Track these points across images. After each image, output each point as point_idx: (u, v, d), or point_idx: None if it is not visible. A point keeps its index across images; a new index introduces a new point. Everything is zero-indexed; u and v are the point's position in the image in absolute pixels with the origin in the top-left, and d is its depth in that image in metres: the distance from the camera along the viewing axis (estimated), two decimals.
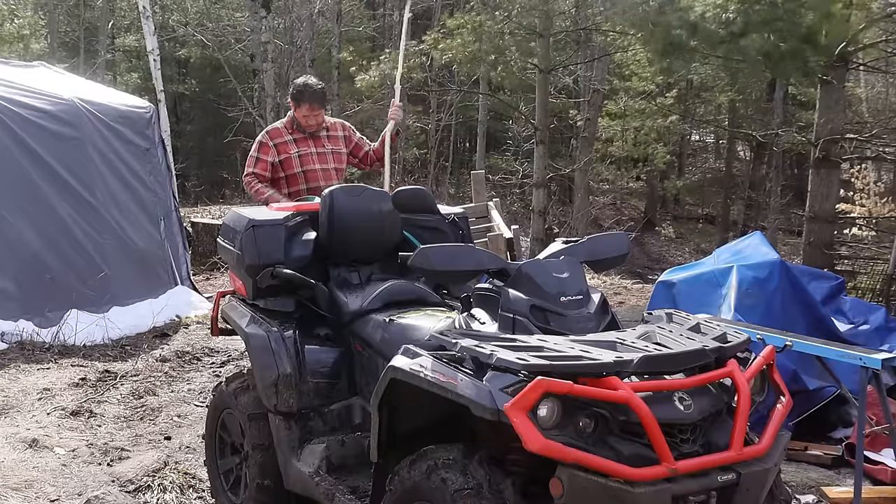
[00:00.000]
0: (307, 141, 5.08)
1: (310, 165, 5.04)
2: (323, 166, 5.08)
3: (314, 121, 5.06)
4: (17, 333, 6.33)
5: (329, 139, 5.18)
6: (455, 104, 21.98)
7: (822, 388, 5.02)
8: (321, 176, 5.03)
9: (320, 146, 5.11)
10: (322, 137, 5.14)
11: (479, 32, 15.21)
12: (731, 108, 21.79)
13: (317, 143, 5.11)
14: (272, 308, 3.63)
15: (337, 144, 5.20)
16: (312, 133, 5.10)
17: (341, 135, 5.26)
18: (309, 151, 5.06)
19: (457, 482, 2.44)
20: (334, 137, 5.22)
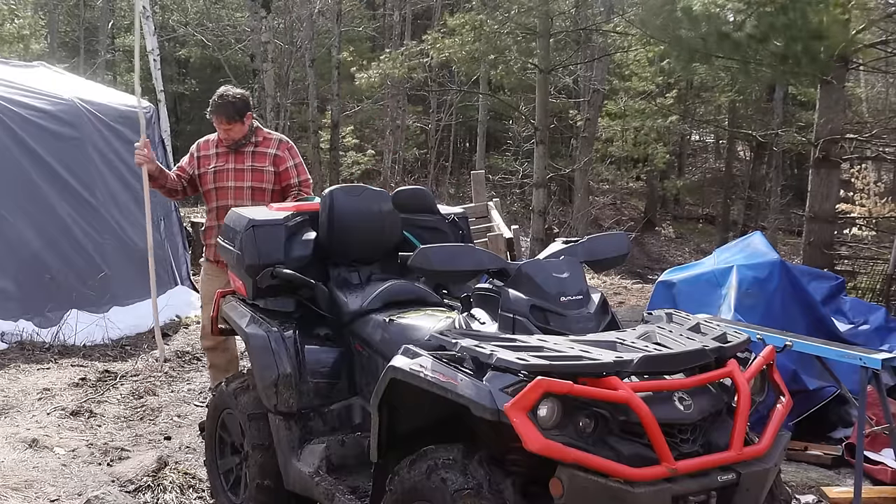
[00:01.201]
0: (228, 156, 4.69)
1: (222, 182, 4.67)
2: (237, 184, 4.65)
3: (227, 135, 4.64)
4: (17, 333, 6.33)
5: (254, 155, 4.70)
6: (455, 104, 22.00)
7: (822, 388, 5.03)
8: (231, 194, 4.63)
9: (240, 162, 4.68)
10: (245, 153, 4.69)
11: (478, 32, 15.22)
12: (731, 108, 21.81)
13: (238, 158, 4.68)
14: (272, 308, 3.63)
15: (261, 161, 4.69)
16: (236, 147, 4.67)
17: (271, 152, 4.72)
18: (225, 167, 4.67)
19: (457, 482, 2.44)
20: (261, 154, 4.71)
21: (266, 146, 4.73)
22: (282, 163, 4.72)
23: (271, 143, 4.76)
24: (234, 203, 4.46)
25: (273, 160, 4.71)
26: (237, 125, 4.60)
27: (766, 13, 8.17)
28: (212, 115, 4.60)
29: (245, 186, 4.64)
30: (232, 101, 4.57)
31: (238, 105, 4.58)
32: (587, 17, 17.44)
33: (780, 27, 7.95)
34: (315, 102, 20.08)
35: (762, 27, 8.19)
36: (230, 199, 4.59)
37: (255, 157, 4.70)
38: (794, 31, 7.79)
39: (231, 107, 4.57)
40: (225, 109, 4.57)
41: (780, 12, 7.96)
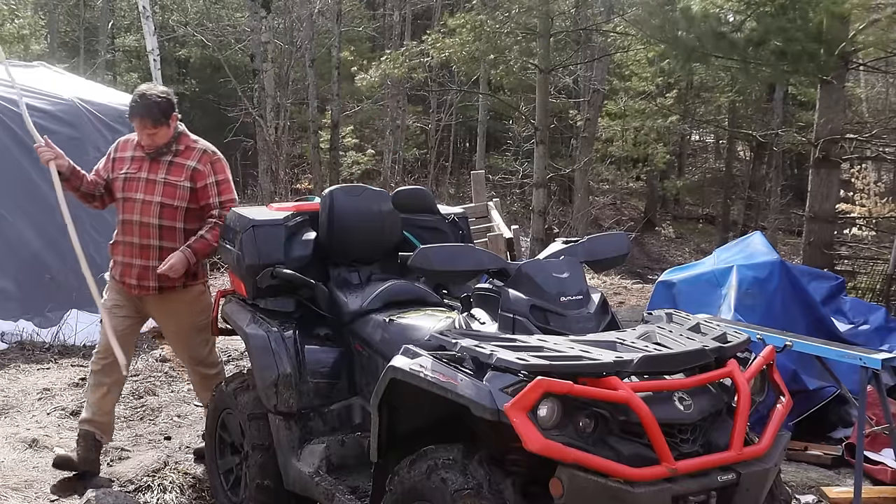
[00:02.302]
0: (143, 163, 4.06)
1: (131, 192, 4.04)
2: (145, 197, 4.01)
3: (151, 141, 4.01)
4: (17, 333, 6.33)
5: (171, 166, 4.04)
6: (455, 104, 21.99)
7: (822, 388, 5.03)
8: (138, 209, 4.02)
9: (154, 172, 4.03)
10: (162, 163, 4.05)
11: (479, 32, 15.22)
12: (731, 108, 21.81)
13: (153, 167, 4.04)
14: (272, 308, 3.63)
15: (177, 175, 4.02)
16: (155, 154, 4.05)
17: (191, 165, 4.04)
18: (137, 176, 4.04)
19: (457, 482, 2.44)
20: (178, 166, 4.04)
21: (186, 157, 4.07)
22: (200, 178, 4.04)
23: (193, 153, 4.08)
24: (139, 219, 4.00)
25: (191, 175, 4.03)
26: (163, 129, 3.99)
27: (765, 13, 8.18)
28: (132, 117, 4.00)
29: (154, 202, 4.01)
30: (157, 101, 3.94)
31: (163, 105, 3.97)
32: (587, 17, 17.44)
33: (779, 27, 7.97)
34: (315, 102, 20.07)
35: (761, 28, 8.20)
36: (135, 214, 4.02)
37: (172, 168, 4.05)
38: (794, 32, 7.80)
39: (156, 108, 3.95)
40: (149, 111, 3.94)
41: (780, 12, 7.96)
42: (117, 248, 4.14)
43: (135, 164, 4.07)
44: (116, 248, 4.14)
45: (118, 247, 4.13)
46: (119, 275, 4.14)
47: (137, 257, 4.05)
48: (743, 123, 21.79)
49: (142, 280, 4.08)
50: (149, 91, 4.01)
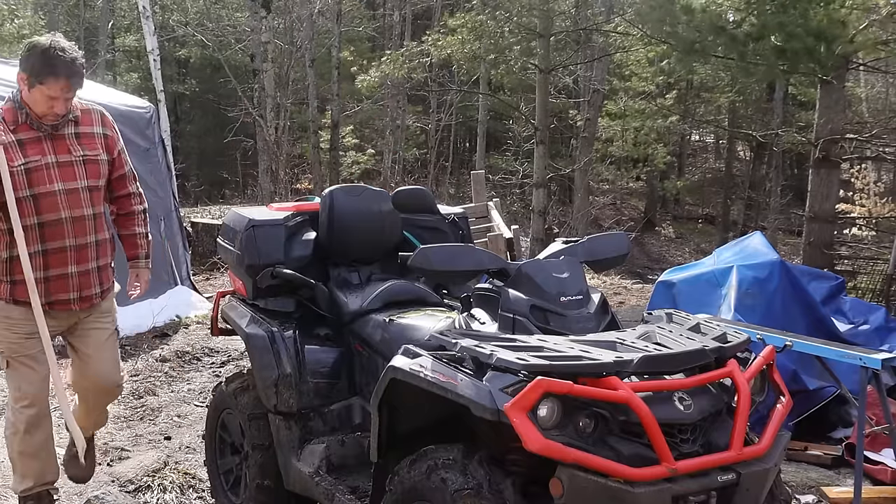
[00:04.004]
0: (42, 144, 3.20)
1: (44, 186, 3.16)
2: (68, 185, 3.21)
3: (61, 107, 3.17)
4: None
5: (80, 139, 3.29)
6: (455, 104, 22.00)
7: (822, 388, 5.03)
8: (65, 203, 3.21)
9: (64, 152, 3.23)
10: (68, 137, 3.26)
11: (479, 32, 15.23)
12: (731, 109, 21.83)
13: (59, 146, 3.23)
14: (272, 308, 3.63)
15: (93, 147, 3.31)
16: (53, 130, 3.22)
17: (100, 132, 3.35)
18: (44, 162, 3.18)
19: (457, 482, 2.44)
20: (87, 136, 3.31)
21: (89, 123, 3.34)
22: (113, 146, 3.39)
23: (93, 116, 3.37)
24: (69, 215, 3.22)
25: (104, 143, 3.36)
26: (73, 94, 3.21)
27: (765, 11, 8.19)
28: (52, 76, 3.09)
29: (81, 188, 3.25)
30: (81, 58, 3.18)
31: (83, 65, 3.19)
32: (587, 17, 17.45)
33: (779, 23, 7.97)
34: (315, 102, 20.08)
35: (760, 23, 8.21)
36: (63, 210, 3.20)
37: (83, 140, 3.29)
38: (794, 28, 7.81)
39: (82, 67, 3.17)
40: (78, 70, 3.14)
41: (781, 10, 7.97)
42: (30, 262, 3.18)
43: (31, 148, 3.16)
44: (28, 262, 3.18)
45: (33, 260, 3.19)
46: (45, 294, 3.24)
47: (75, 263, 3.26)
48: (743, 123, 21.80)
49: (84, 289, 3.32)
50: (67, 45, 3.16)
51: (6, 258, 3.24)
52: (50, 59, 3.08)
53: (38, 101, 3.14)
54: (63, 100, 3.15)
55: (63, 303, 3.31)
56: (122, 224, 3.60)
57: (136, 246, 3.58)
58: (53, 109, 3.16)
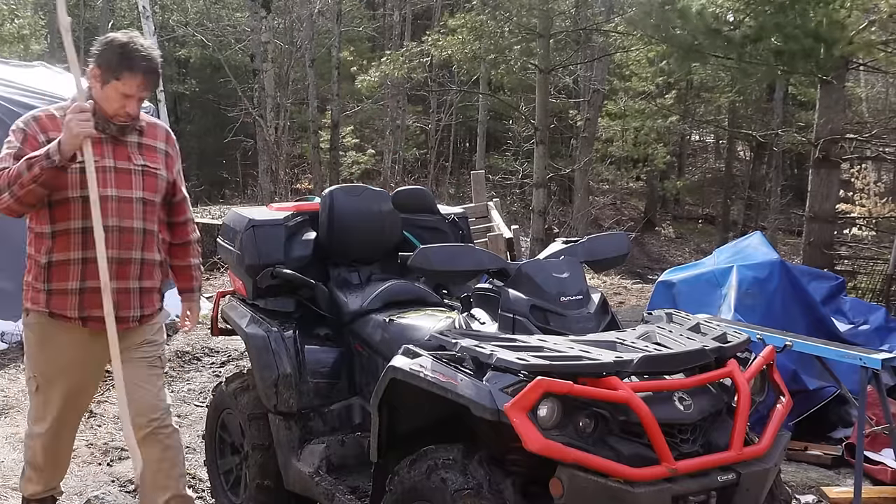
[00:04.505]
0: (102, 146, 2.99)
1: (100, 189, 2.91)
2: (121, 193, 3.02)
3: (135, 108, 3.01)
4: (17, 333, 6.31)
5: (142, 149, 3.10)
6: (455, 104, 22.01)
7: (822, 388, 5.03)
8: (114, 211, 2.99)
9: (123, 158, 3.04)
10: (130, 144, 3.07)
11: (479, 32, 15.24)
12: (731, 109, 21.83)
13: (118, 151, 3.04)
14: (272, 308, 3.63)
15: (154, 160, 3.13)
16: (119, 134, 3.05)
17: (161, 148, 3.18)
18: (100, 164, 2.95)
19: (457, 482, 2.44)
20: (150, 149, 3.13)
21: (153, 136, 3.17)
22: (172, 166, 3.21)
23: (157, 131, 3.20)
24: (117, 224, 2.99)
25: (165, 161, 3.18)
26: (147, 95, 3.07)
27: (764, 12, 8.20)
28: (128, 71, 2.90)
29: (135, 198, 3.05)
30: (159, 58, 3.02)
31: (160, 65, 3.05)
32: (587, 17, 17.45)
33: (777, 25, 7.98)
34: (315, 102, 20.08)
35: (757, 25, 8.22)
36: (111, 217, 2.96)
37: (144, 152, 3.11)
38: (792, 30, 7.82)
39: (159, 66, 3.02)
40: (156, 70, 2.99)
41: (779, 11, 7.97)
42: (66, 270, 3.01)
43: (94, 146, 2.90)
44: (64, 270, 3.01)
45: (68, 268, 3.00)
46: (79, 307, 3.02)
47: (115, 278, 2.96)
48: (743, 123, 21.81)
49: (121, 309, 3.01)
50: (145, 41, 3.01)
51: (45, 263, 3.04)
52: (129, 53, 2.91)
53: (111, 98, 2.95)
54: (137, 99, 2.99)
55: (96, 320, 2.98)
56: (177, 254, 3.36)
57: (190, 278, 3.38)
58: (125, 109, 2.98)
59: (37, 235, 3.08)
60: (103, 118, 2.97)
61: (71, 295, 3.02)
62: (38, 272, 3.08)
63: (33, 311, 3.13)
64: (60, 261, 3.02)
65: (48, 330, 3.10)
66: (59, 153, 2.77)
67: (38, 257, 3.08)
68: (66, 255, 3.01)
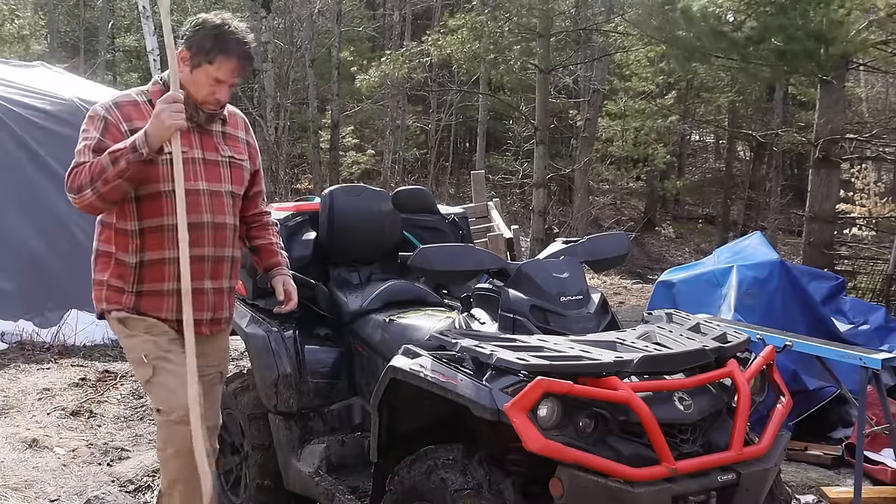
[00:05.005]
0: (190, 136, 2.77)
1: (189, 182, 2.70)
2: (212, 186, 2.82)
3: (226, 94, 2.80)
4: (17, 333, 6.32)
5: (227, 139, 2.91)
6: (455, 104, 22.01)
7: (822, 388, 5.03)
8: (208, 206, 2.79)
9: (211, 149, 2.84)
10: (215, 134, 2.88)
11: (479, 32, 15.24)
12: (731, 109, 21.83)
13: (206, 142, 2.84)
14: (272, 308, 3.62)
15: (238, 151, 2.93)
16: (206, 122, 2.84)
17: (244, 138, 2.99)
18: (190, 156, 2.75)
19: (457, 482, 2.44)
20: (233, 139, 2.93)
21: (235, 126, 2.97)
22: (255, 157, 3.02)
23: (238, 121, 3.00)
24: (211, 220, 2.79)
25: (248, 151, 2.98)
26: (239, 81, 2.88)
27: (765, 13, 8.21)
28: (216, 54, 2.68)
29: (224, 192, 2.85)
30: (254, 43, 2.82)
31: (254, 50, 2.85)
32: (587, 17, 17.46)
33: (779, 26, 7.99)
34: (315, 102, 20.08)
35: (761, 26, 8.23)
36: (206, 213, 2.78)
37: (229, 142, 2.92)
38: (794, 31, 7.83)
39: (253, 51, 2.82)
40: (247, 52, 2.75)
41: (780, 11, 7.98)
42: (160, 270, 2.76)
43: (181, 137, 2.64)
44: (158, 270, 2.76)
45: (163, 267, 2.75)
46: (175, 309, 2.76)
47: (210, 277, 2.81)
48: (743, 123, 21.81)
49: (217, 310, 2.88)
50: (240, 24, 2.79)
51: (134, 264, 2.75)
52: (223, 35, 2.69)
53: (202, 83, 2.72)
54: (228, 85, 2.77)
55: (197, 324, 2.73)
56: (258, 235, 3.10)
57: (275, 254, 3.08)
58: (216, 95, 2.75)
59: (118, 232, 2.77)
60: (193, 105, 2.74)
61: (167, 296, 2.77)
62: (124, 272, 2.77)
63: (115, 312, 2.82)
64: (154, 260, 2.74)
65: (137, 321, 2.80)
66: (147, 145, 2.52)
67: (122, 256, 2.77)
68: (160, 254, 2.74)
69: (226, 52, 2.68)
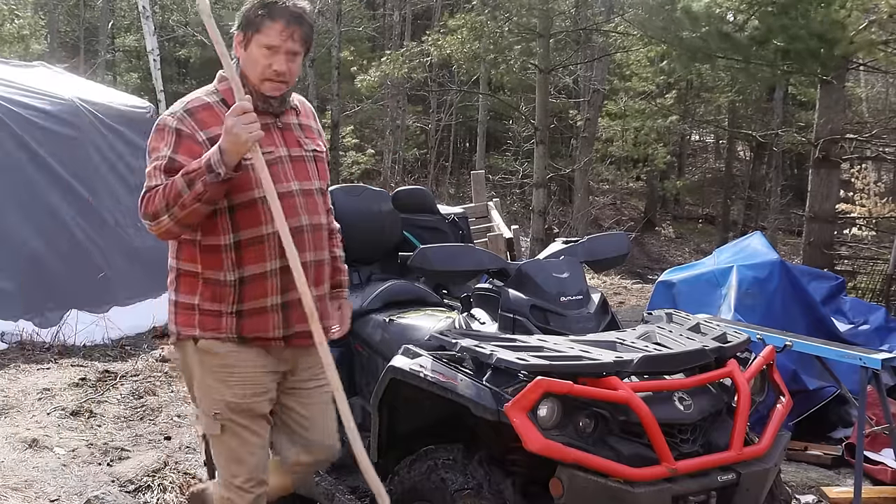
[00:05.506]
0: (272, 133, 2.53)
1: (281, 184, 2.48)
2: (304, 185, 2.57)
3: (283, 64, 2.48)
4: (17, 333, 6.32)
5: (304, 131, 2.65)
6: (455, 104, 22.01)
7: (822, 388, 5.03)
8: (304, 207, 2.55)
9: (294, 145, 2.59)
10: (293, 127, 2.62)
11: (479, 32, 15.24)
12: (731, 108, 21.83)
13: (288, 137, 2.59)
14: None
15: (317, 143, 2.68)
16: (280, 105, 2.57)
17: (316, 127, 2.74)
18: (277, 155, 2.52)
19: (457, 482, 2.44)
20: (309, 130, 2.68)
21: (306, 115, 2.71)
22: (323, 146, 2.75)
23: (307, 109, 2.74)
24: (308, 222, 2.55)
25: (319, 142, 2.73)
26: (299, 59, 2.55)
27: (767, 13, 8.22)
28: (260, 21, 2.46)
29: (315, 189, 2.61)
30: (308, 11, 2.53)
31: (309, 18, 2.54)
32: (587, 17, 17.46)
33: (781, 26, 8.00)
34: (315, 102, 20.08)
35: (764, 27, 8.24)
36: (303, 215, 2.54)
37: (308, 134, 2.66)
38: (796, 31, 7.83)
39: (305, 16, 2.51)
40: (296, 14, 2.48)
41: (782, 11, 7.99)
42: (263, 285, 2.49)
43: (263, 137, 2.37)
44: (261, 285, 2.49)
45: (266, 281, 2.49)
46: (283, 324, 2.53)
47: (313, 284, 2.51)
48: (743, 123, 21.81)
49: (323, 319, 2.54)
50: None
51: (233, 281, 2.47)
52: (269, 4, 2.46)
53: (256, 59, 2.47)
54: (285, 53, 2.46)
55: (302, 336, 2.51)
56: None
57: (340, 270, 2.80)
58: (272, 67, 2.45)
59: (206, 249, 2.48)
60: (257, 94, 2.47)
61: (271, 313, 2.50)
62: (221, 291, 2.48)
63: (209, 339, 2.51)
64: (255, 275, 2.47)
65: (232, 356, 2.52)
66: (224, 164, 2.27)
67: (214, 274, 2.48)
68: (260, 267, 2.47)
69: (272, 15, 2.44)
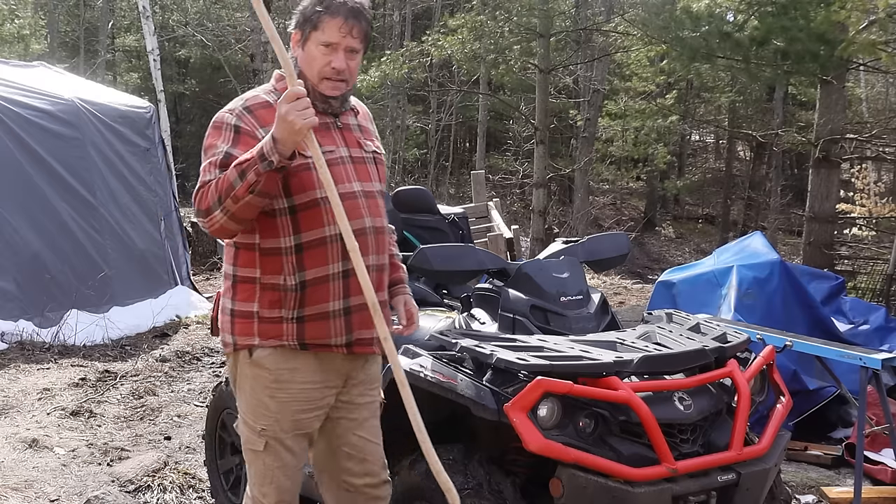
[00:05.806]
0: (332, 132, 2.45)
1: (343, 185, 2.38)
2: (365, 187, 2.46)
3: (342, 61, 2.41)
4: (17, 333, 6.33)
5: (363, 133, 2.55)
6: (455, 104, 22.01)
7: (822, 388, 5.03)
8: (366, 209, 2.43)
9: (355, 145, 2.49)
10: (353, 128, 2.52)
11: (479, 32, 15.24)
12: (731, 108, 21.83)
13: (348, 137, 2.49)
14: None
15: (377, 145, 2.60)
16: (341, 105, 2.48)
17: (372, 129, 2.63)
18: (338, 155, 2.42)
19: (457, 482, 2.43)
20: (367, 132, 2.58)
21: (364, 116, 2.63)
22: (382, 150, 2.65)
23: (363, 109, 2.66)
24: (372, 224, 2.42)
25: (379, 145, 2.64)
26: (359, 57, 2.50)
27: (767, 13, 8.22)
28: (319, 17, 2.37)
29: (376, 191, 2.50)
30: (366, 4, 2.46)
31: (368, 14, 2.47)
32: (587, 17, 17.46)
33: (781, 27, 8.00)
34: None
35: (764, 27, 8.24)
36: (366, 217, 2.42)
37: (367, 136, 2.57)
38: (796, 31, 7.83)
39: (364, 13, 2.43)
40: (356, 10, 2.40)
41: (782, 12, 7.99)
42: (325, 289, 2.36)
43: (320, 136, 2.30)
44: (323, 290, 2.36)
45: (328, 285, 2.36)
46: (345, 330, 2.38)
47: (376, 289, 2.32)
48: (743, 123, 21.80)
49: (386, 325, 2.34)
50: None
51: (294, 285, 2.34)
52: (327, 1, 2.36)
53: (314, 57, 2.39)
54: (344, 50, 2.38)
55: (364, 343, 2.41)
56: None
57: (398, 268, 2.67)
58: (332, 64, 2.37)
59: (266, 253, 2.37)
60: (319, 97, 2.38)
61: (333, 318, 2.36)
62: (281, 297, 2.36)
63: (266, 347, 2.39)
64: (317, 278, 2.34)
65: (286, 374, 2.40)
66: (277, 152, 2.15)
67: (274, 279, 2.36)
68: (322, 271, 2.34)
69: (330, 11, 2.35)
